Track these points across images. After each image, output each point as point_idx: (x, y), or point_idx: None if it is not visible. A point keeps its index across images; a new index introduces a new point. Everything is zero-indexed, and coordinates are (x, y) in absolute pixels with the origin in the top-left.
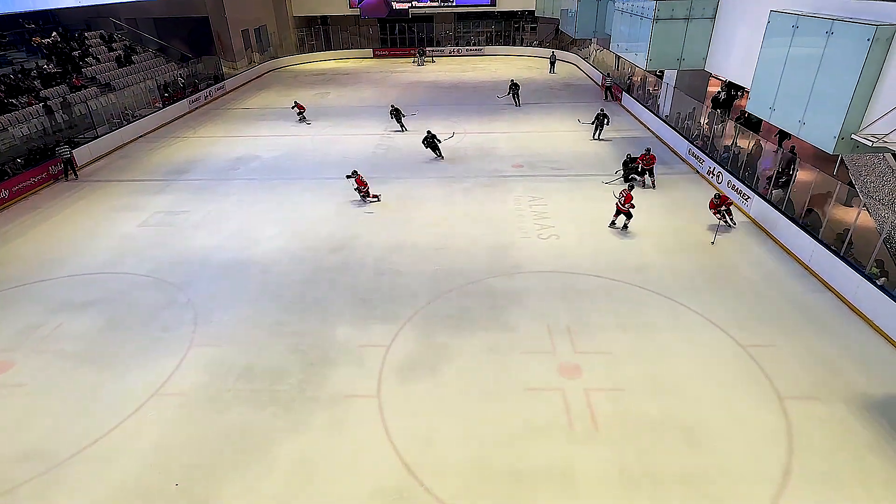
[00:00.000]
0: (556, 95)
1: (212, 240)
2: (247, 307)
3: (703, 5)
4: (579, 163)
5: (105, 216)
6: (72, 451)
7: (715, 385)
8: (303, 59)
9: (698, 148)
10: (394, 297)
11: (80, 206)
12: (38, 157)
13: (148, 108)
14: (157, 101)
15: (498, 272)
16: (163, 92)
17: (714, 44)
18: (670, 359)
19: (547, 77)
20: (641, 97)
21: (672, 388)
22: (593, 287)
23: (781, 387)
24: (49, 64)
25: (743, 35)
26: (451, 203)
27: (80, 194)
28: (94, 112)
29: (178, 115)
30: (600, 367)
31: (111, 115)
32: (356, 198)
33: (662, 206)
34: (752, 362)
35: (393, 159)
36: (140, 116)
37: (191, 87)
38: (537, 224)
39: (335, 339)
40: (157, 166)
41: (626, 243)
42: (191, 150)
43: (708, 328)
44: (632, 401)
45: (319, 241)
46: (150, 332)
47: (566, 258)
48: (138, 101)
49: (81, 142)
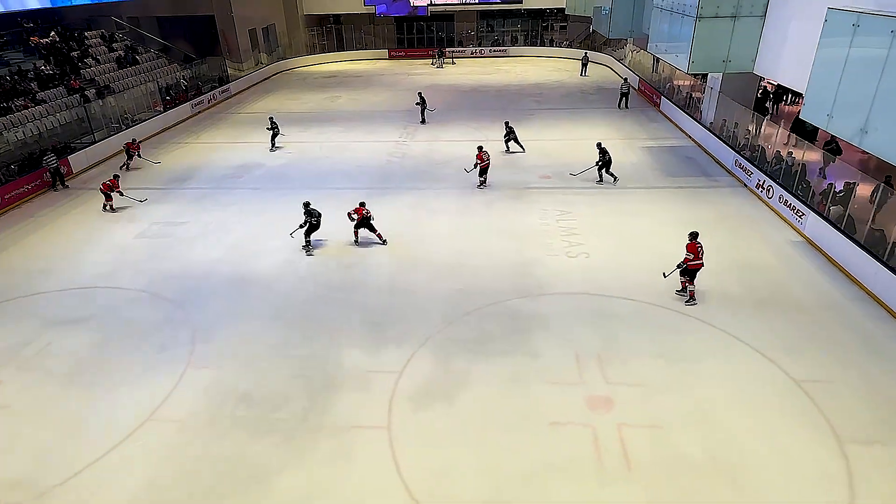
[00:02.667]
0: (587, 101)
1: (212, 253)
2: (248, 326)
3: (752, 2)
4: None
5: (100, 226)
6: (57, 480)
7: (764, 423)
8: (313, 61)
9: (746, 159)
10: (407, 318)
11: (74, 216)
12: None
13: (148, 112)
14: (157, 104)
15: (521, 293)
16: (164, 95)
17: (764, 44)
18: (713, 392)
19: (578, 80)
20: (682, 103)
21: (715, 425)
22: (627, 311)
23: (840, 427)
24: (47, 65)
25: (796, 35)
26: (471, 216)
27: (76, 202)
28: (93, 116)
29: (180, 120)
30: (634, 400)
31: (110, 119)
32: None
33: (705, 221)
34: (807, 398)
35: (408, 168)
36: (140, 120)
37: (194, 90)
38: (565, 241)
39: (342, 363)
40: (156, 174)
41: (664, 263)
42: (192, 156)
43: (756, 359)
44: (670, 438)
45: (327, 256)
46: (145, 351)
47: (597, 279)
48: (138, 104)
49: (77, 147)
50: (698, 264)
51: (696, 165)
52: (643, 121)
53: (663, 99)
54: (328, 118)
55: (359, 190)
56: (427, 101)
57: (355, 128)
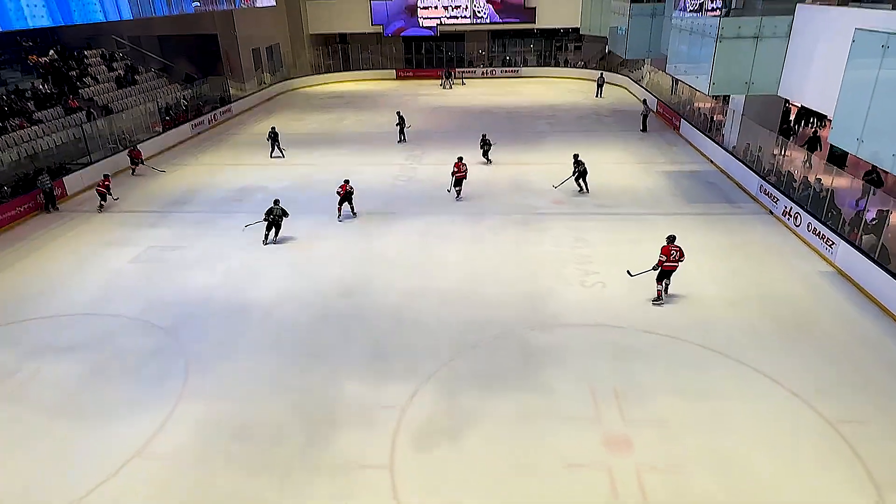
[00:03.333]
0: (602, 123)
1: (209, 279)
2: (244, 357)
3: (775, 23)
4: (630, 199)
5: (94, 250)
6: None
7: (794, 467)
8: (318, 81)
9: (771, 184)
10: (412, 349)
11: (67, 239)
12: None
13: (147, 133)
14: (156, 124)
15: (534, 324)
16: (164, 115)
17: (788, 66)
18: (739, 433)
19: (593, 102)
20: (703, 126)
21: (741, 469)
22: (646, 344)
23: (876, 471)
24: (45, 84)
25: (822, 56)
26: (481, 243)
27: (69, 226)
28: (90, 137)
29: (179, 141)
30: (654, 441)
31: (107, 139)
32: (371, 233)
33: (729, 250)
34: (841, 440)
35: (414, 192)
36: (138, 141)
37: (194, 110)
38: (580, 269)
39: (343, 397)
40: (153, 197)
41: (686, 293)
42: (191, 178)
43: (785, 397)
44: (692, 483)
45: (329, 283)
46: (136, 382)
47: (614, 309)
48: (137, 124)
49: (73, 168)
50: (672, 266)
51: (718, 191)
52: (662, 144)
53: (683, 121)
54: (333, 140)
55: (363, 213)
56: (406, 119)
57: (361, 150)
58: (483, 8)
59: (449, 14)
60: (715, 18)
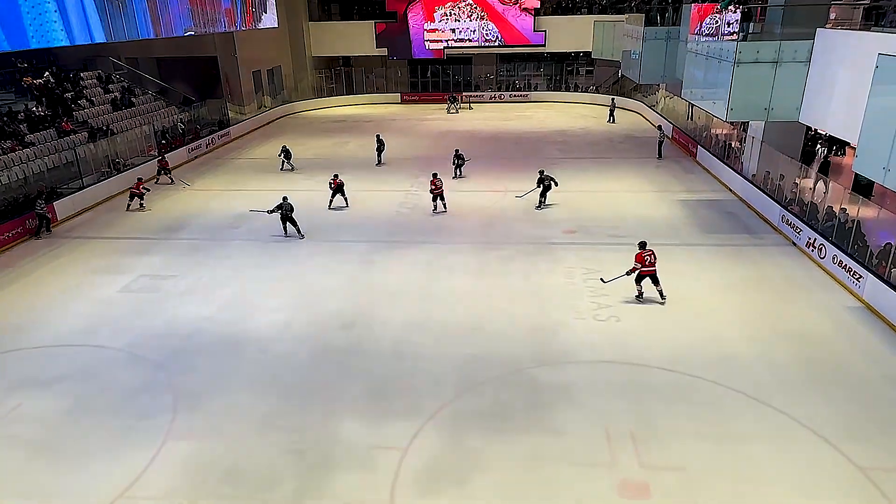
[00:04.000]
0: (616, 149)
1: (202, 310)
2: (237, 393)
3: (795, 48)
4: (645, 229)
5: (83, 278)
6: None
7: None
8: (320, 104)
9: (794, 214)
10: (415, 386)
11: (56, 266)
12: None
13: (142, 157)
14: (152, 148)
15: (544, 360)
16: (160, 138)
17: (809, 91)
18: (764, 480)
19: (606, 127)
20: (721, 152)
21: None
22: (664, 383)
23: None
24: (39, 106)
25: (845, 82)
26: (488, 274)
27: (58, 252)
28: (82, 160)
29: (176, 165)
30: (674, 487)
31: (101, 163)
32: (372, 263)
33: (751, 283)
34: (873, 488)
35: (418, 220)
36: (132, 165)
37: (191, 134)
38: (593, 302)
39: (341, 437)
40: (146, 223)
41: (706, 329)
42: (186, 204)
43: (812, 441)
44: None
45: (328, 315)
46: (122, 418)
47: (629, 345)
48: (132, 148)
49: (65, 193)
50: (650, 270)
51: (737, 221)
52: (678, 172)
53: (700, 148)
54: (335, 165)
55: (364, 243)
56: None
57: (364, 176)
58: (492, 31)
59: (456, 37)
60: (732, 43)
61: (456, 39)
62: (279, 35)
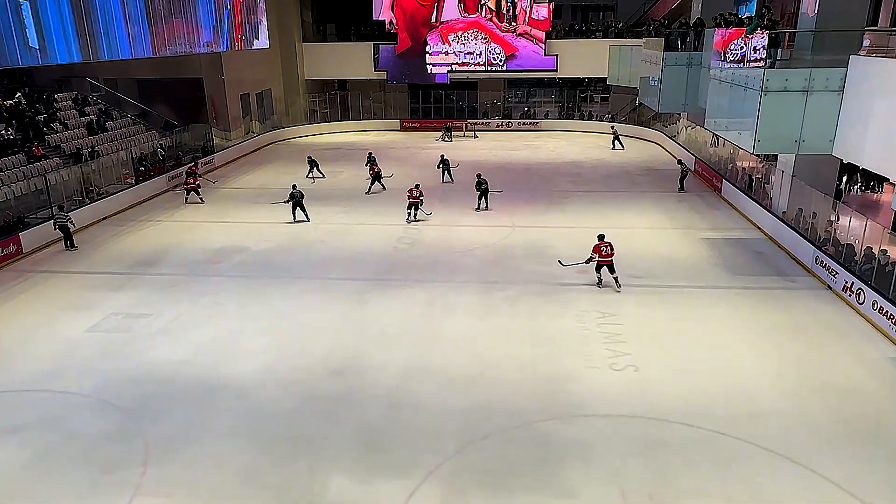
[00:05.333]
0: (633, 182)
1: (178, 352)
2: (214, 445)
3: (827, 76)
4: (666, 270)
5: (48, 316)
6: None
7: None
8: (313, 130)
9: (829, 255)
10: (411, 440)
11: (20, 303)
12: None
13: (118, 185)
14: (129, 175)
15: (553, 413)
16: (138, 165)
17: (844, 122)
18: None
19: (622, 159)
20: (748, 187)
21: None
22: (686, 440)
23: None
24: (8, 129)
25: (882, 113)
26: (493, 316)
27: (22, 287)
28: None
29: (154, 194)
30: None
31: (73, 191)
32: (367, 303)
33: (782, 331)
34: None
35: (419, 257)
36: (107, 194)
37: (172, 160)
38: (608, 349)
39: (328, 496)
40: (119, 256)
41: (733, 381)
42: (164, 236)
43: None
44: None
45: (316, 359)
46: (87, 471)
47: (647, 398)
48: (107, 175)
49: (32, 223)
50: (607, 260)
51: (767, 262)
52: (701, 207)
53: (725, 182)
54: (327, 196)
55: (357, 280)
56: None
57: (358, 208)
58: (499, 54)
59: (461, 60)
60: (759, 70)
61: (460, 63)
62: (270, 56)
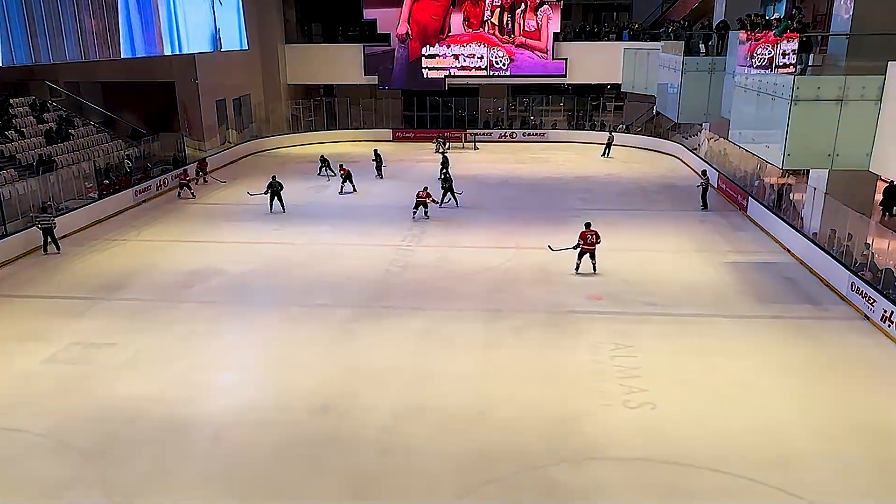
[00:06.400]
0: (650, 200)
1: (144, 388)
2: (182, 492)
3: (863, 84)
4: (687, 297)
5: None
6: None
7: None
8: (296, 140)
9: (866, 282)
10: (404, 488)
11: None
12: None
13: (79, 200)
14: (92, 189)
15: (562, 457)
16: (102, 178)
17: (882, 135)
18: None
19: (637, 174)
20: (776, 206)
21: None
22: (711, 487)
23: None
24: None
25: None
26: (496, 348)
27: None
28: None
29: (119, 210)
30: None
31: (29, 206)
32: (355, 334)
33: (816, 365)
34: None
35: (413, 281)
36: (67, 210)
37: (140, 173)
38: (623, 385)
39: None
40: (80, 279)
41: (762, 421)
42: (129, 258)
43: None
44: None
45: (299, 396)
46: None
47: (668, 440)
48: (67, 188)
49: None
50: (590, 248)
51: (797, 289)
52: (725, 228)
53: (751, 200)
54: (311, 213)
55: (345, 307)
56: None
57: (346, 227)
58: (502, 58)
59: (460, 64)
60: (788, 77)
61: (460, 67)
62: (249, 59)
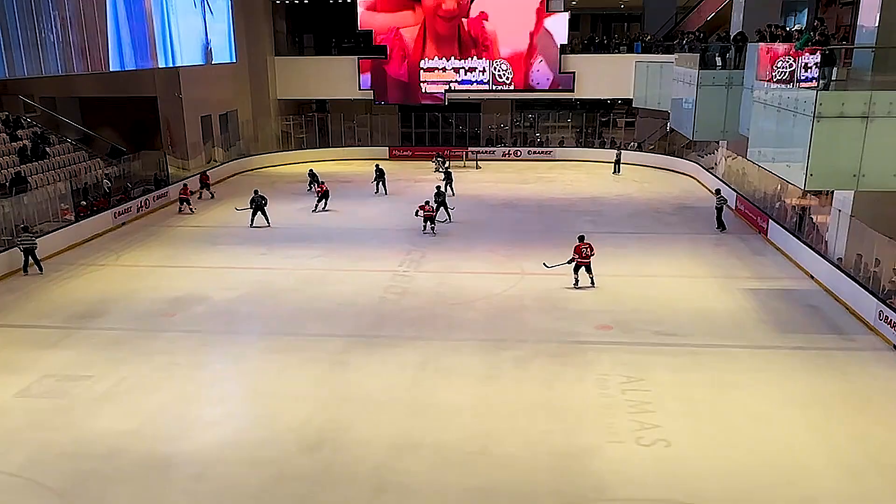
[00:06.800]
0: (664, 222)
1: (123, 422)
2: None
3: (890, 99)
4: (703, 327)
5: None
6: None
7: None
8: (286, 159)
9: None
10: None
11: None
12: None
13: (54, 222)
14: (68, 211)
15: (568, 497)
16: (79, 199)
17: None
18: None
19: (650, 195)
20: (799, 229)
21: None
22: None
23: None
24: None
25: None
26: (498, 380)
27: None
28: None
29: (97, 233)
30: None
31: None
32: (349, 365)
33: (841, 399)
34: None
35: (410, 309)
36: (41, 233)
37: (120, 194)
38: (635, 421)
39: None
40: (55, 307)
41: (784, 459)
42: (109, 284)
43: None
44: None
45: (288, 431)
46: None
47: (682, 479)
48: (42, 210)
49: None
50: (586, 261)
51: (822, 318)
52: (744, 252)
53: (771, 223)
54: (301, 237)
55: (337, 337)
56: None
57: (339, 251)
58: (505, 72)
59: (461, 78)
60: (810, 92)
61: (461, 82)
62: (236, 72)
